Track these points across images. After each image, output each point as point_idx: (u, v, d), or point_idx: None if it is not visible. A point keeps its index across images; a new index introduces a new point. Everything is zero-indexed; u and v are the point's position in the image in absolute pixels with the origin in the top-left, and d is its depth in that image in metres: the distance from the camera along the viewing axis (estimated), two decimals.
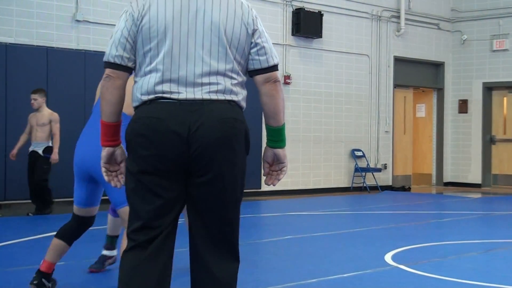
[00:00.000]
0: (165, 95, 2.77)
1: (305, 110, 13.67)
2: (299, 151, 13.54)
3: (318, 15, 13.56)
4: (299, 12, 13.33)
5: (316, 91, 13.84)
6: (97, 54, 10.26)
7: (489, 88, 15.92)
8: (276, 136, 2.94)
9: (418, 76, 16.00)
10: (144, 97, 2.80)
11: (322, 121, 13.96)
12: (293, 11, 13.38)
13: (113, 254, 5.45)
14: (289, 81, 13.29)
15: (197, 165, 2.76)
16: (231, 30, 2.81)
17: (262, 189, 12.59)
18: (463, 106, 16.17)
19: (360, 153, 14.57)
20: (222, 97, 2.80)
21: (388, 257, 6.28)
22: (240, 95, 2.87)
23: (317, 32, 13.57)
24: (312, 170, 13.82)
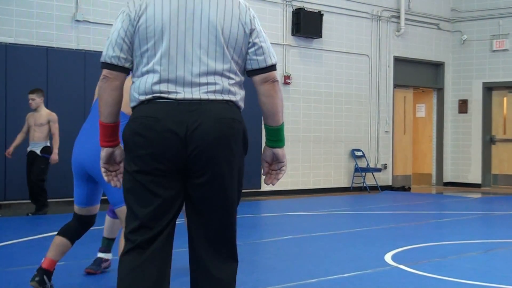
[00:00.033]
0: (162, 95, 2.76)
1: (305, 110, 13.67)
2: (299, 151, 13.54)
3: (318, 15, 13.56)
4: (299, 12, 13.33)
5: (316, 91, 13.84)
6: (97, 54, 10.24)
7: (489, 88, 15.92)
8: (275, 136, 2.94)
9: (418, 76, 16.00)
10: (142, 97, 2.79)
11: (322, 121, 13.95)
12: (293, 11, 13.37)
13: (108, 257, 5.36)
14: (289, 81, 13.29)
15: (195, 166, 2.76)
16: (229, 29, 2.80)
17: (262, 189, 12.59)
18: (463, 106, 16.17)
19: (360, 153, 14.56)
20: (220, 97, 2.79)
21: (388, 257, 6.28)
22: (238, 95, 2.86)
23: (317, 32, 13.57)
24: (312, 170, 13.82)
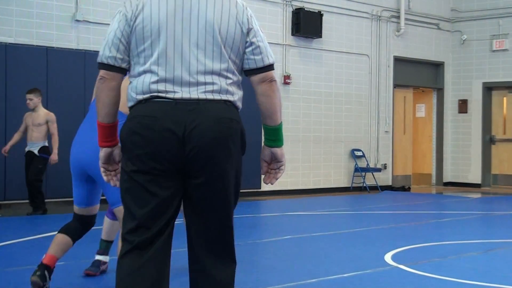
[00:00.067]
0: (160, 94, 2.75)
1: (305, 110, 13.67)
2: (299, 151, 13.54)
3: (318, 15, 13.56)
4: (299, 12, 13.33)
5: (316, 91, 13.84)
6: (97, 54, 10.04)
7: (489, 88, 15.92)
8: (273, 136, 2.93)
9: (418, 76, 16.00)
10: (139, 96, 2.78)
11: (322, 121, 13.95)
12: (293, 11, 13.37)
13: (106, 260, 5.32)
14: (289, 81, 13.29)
15: (193, 166, 2.75)
16: (226, 29, 2.79)
17: (262, 189, 12.58)
18: (463, 106, 16.17)
19: (360, 153, 14.56)
20: (218, 97, 2.78)
21: (388, 257, 6.28)
22: (236, 95, 2.85)
23: (317, 32, 13.57)
24: (312, 170, 13.82)
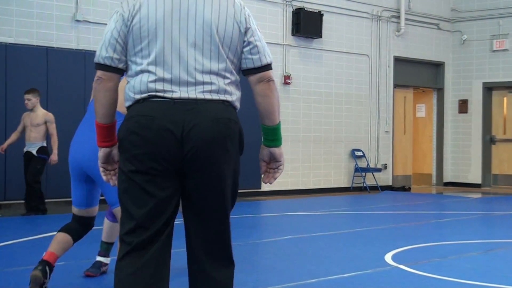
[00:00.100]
0: (158, 94, 2.74)
1: (305, 110, 13.67)
2: (299, 151, 13.54)
3: (318, 15, 13.56)
4: (299, 12, 13.32)
5: (316, 91, 13.84)
6: None
7: (489, 88, 15.92)
8: (272, 135, 2.93)
9: (418, 76, 16.00)
10: (137, 96, 2.77)
11: (322, 121, 13.95)
12: (293, 11, 13.37)
13: (107, 261, 5.30)
14: (289, 81, 13.29)
15: (191, 166, 2.74)
16: (223, 28, 2.78)
17: (262, 189, 12.58)
18: (463, 106, 16.17)
19: (360, 153, 14.56)
20: (216, 97, 2.78)
21: (388, 257, 6.28)
22: (234, 95, 2.85)
23: (317, 32, 13.57)
24: (312, 170, 13.81)
